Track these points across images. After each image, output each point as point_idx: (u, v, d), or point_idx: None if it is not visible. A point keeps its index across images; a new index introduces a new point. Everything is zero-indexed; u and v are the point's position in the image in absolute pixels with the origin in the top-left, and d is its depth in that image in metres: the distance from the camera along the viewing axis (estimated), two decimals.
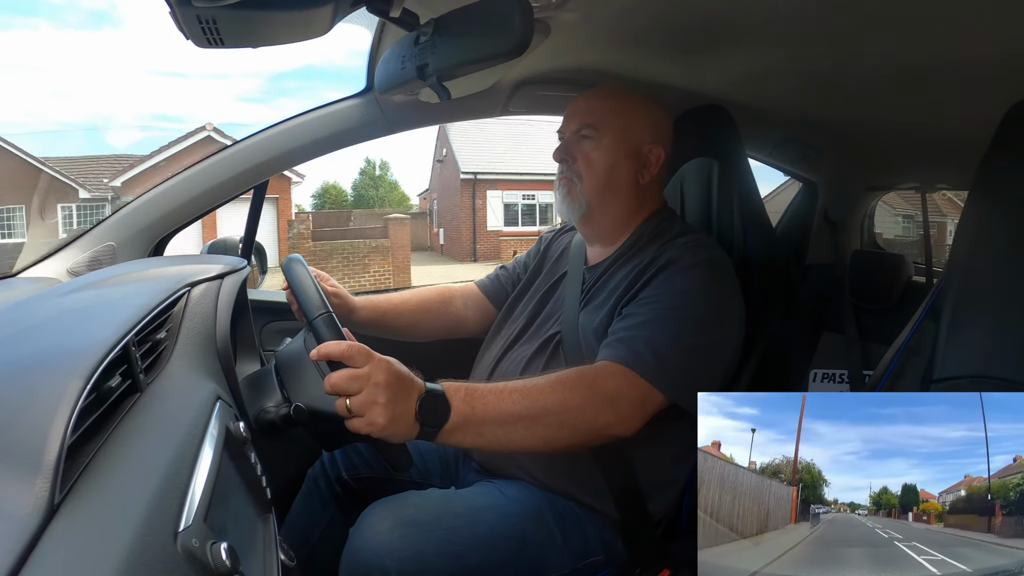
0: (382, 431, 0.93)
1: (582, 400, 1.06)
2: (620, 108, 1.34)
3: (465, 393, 1.01)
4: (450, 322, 1.60)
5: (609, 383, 1.09)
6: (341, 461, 1.41)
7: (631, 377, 1.10)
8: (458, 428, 0.99)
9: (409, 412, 0.95)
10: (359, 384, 0.93)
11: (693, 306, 1.17)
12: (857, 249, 2.45)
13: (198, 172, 1.59)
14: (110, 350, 0.60)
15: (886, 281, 2.19)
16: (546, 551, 1.18)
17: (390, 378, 0.94)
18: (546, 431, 1.04)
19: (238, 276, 1.10)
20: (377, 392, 0.92)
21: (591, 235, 1.40)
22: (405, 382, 0.96)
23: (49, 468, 0.46)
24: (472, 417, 1.00)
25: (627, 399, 1.09)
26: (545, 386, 1.06)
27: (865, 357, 2.16)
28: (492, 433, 1.02)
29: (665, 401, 1.12)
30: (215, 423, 0.70)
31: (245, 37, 0.92)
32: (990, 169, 1.10)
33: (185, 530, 0.51)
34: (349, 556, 1.08)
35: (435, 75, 1.01)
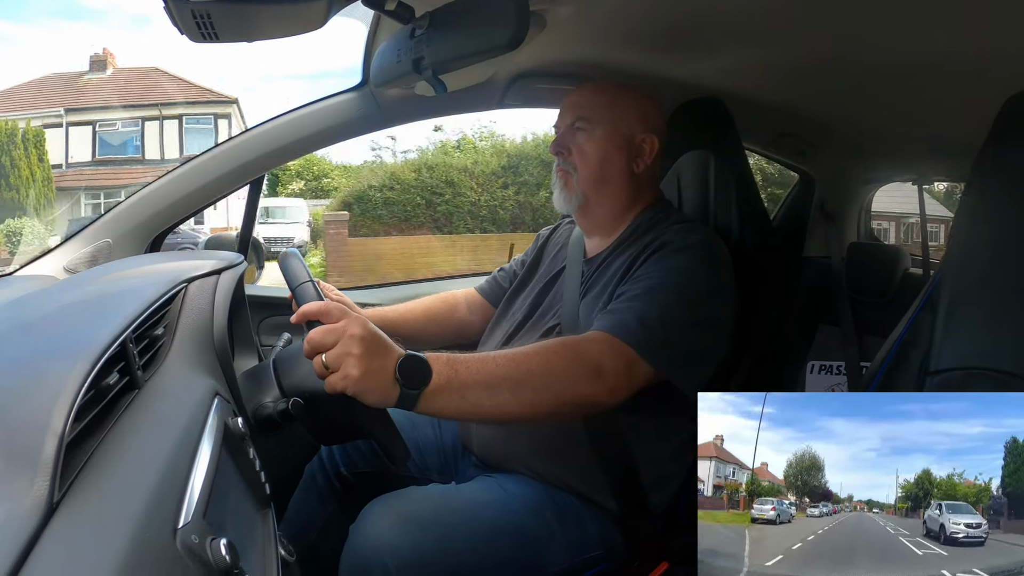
0: (356, 384, 0.91)
1: (566, 364, 1.04)
2: (611, 100, 1.34)
3: (447, 358, 0.99)
4: (455, 327, 1.60)
5: (593, 350, 1.08)
6: (339, 456, 1.41)
7: (616, 344, 1.09)
8: (440, 391, 0.97)
9: (387, 370, 0.93)
10: (334, 336, 0.92)
11: (682, 282, 1.16)
12: (854, 242, 2.45)
13: (193, 168, 1.59)
14: (108, 347, 0.60)
15: (883, 273, 2.19)
16: (546, 546, 1.18)
17: (365, 332, 0.93)
18: (531, 395, 1.01)
19: (235, 272, 1.10)
20: (351, 343, 0.91)
21: (589, 226, 1.40)
22: (382, 340, 0.95)
23: (48, 466, 0.46)
24: (455, 380, 0.98)
25: (612, 367, 1.07)
26: (529, 351, 1.05)
27: (862, 349, 2.17)
28: (476, 397, 0.99)
29: (653, 373, 1.10)
30: (213, 419, 0.70)
31: (240, 31, 0.92)
32: (986, 160, 1.10)
33: (184, 526, 0.51)
34: (349, 552, 1.08)
35: (431, 68, 1.00)
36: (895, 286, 2.18)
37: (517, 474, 1.26)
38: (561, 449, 1.23)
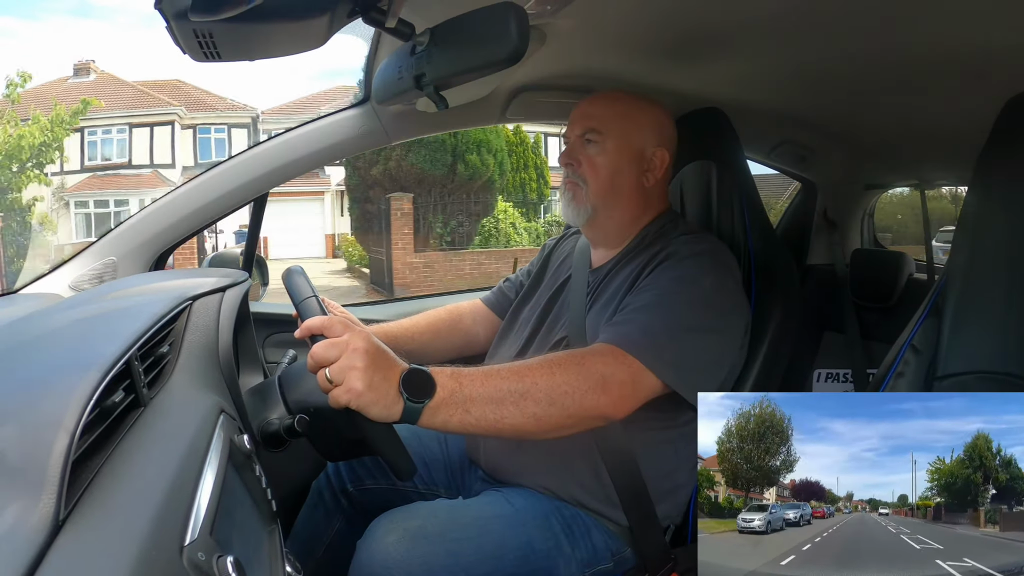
0: (360, 397, 0.90)
1: (571, 377, 1.03)
2: (624, 112, 1.33)
3: (451, 372, 0.99)
4: (461, 340, 1.60)
5: (599, 362, 1.07)
6: (346, 472, 1.41)
7: (621, 356, 1.08)
8: (444, 404, 0.96)
9: (390, 383, 0.93)
10: (337, 350, 0.92)
11: (687, 291, 1.16)
12: (858, 248, 2.45)
13: (198, 186, 1.60)
14: (113, 365, 0.60)
15: (887, 279, 2.19)
16: (554, 560, 1.17)
17: (369, 346, 0.93)
18: (536, 407, 1.00)
19: (240, 289, 1.10)
20: (355, 357, 0.91)
21: (596, 238, 1.40)
22: (385, 354, 0.96)
23: (54, 484, 0.46)
24: (459, 393, 0.97)
25: (618, 379, 1.06)
26: (534, 364, 1.05)
27: (868, 356, 2.16)
28: (480, 410, 0.98)
29: (659, 384, 1.09)
30: (219, 436, 0.70)
31: (242, 50, 0.92)
32: (988, 164, 1.10)
33: (191, 544, 0.51)
34: (357, 568, 1.08)
35: (432, 84, 1.01)
36: (900, 291, 2.18)
37: (524, 488, 1.26)
38: (569, 462, 1.23)
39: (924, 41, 1.21)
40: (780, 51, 1.35)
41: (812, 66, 1.41)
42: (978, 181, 1.11)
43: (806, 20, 1.17)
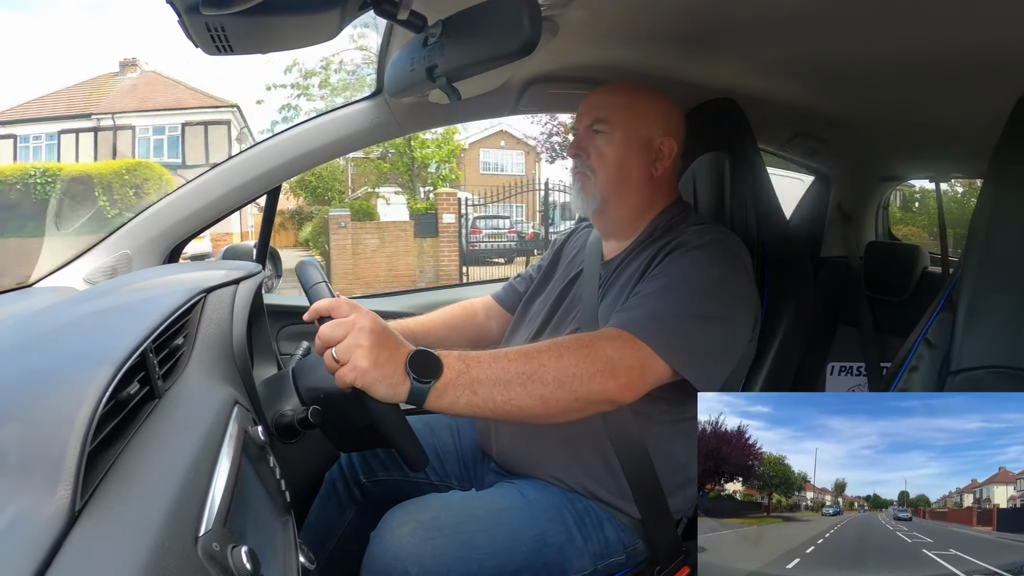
0: (365, 376, 0.91)
1: (579, 360, 1.03)
2: (630, 102, 1.34)
3: (459, 354, 0.99)
4: (475, 335, 1.60)
5: (607, 346, 1.06)
6: (359, 464, 1.42)
7: (629, 340, 1.08)
8: (451, 385, 0.96)
9: (396, 362, 0.93)
10: (343, 329, 0.93)
11: (696, 279, 1.16)
12: (872, 241, 2.43)
13: (211, 179, 1.61)
14: (128, 357, 0.60)
15: (902, 272, 2.17)
16: (566, 552, 1.17)
17: (375, 325, 0.94)
18: (543, 389, 1.00)
19: (253, 281, 1.11)
20: (360, 336, 0.92)
21: (606, 229, 1.40)
22: (391, 334, 0.96)
23: (70, 475, 0.47)
24: (466, 374, 0.97)
25: (626, 364, 1.05)
26: (542, 347, 1.04)
27: (881, 349, 2.15)
28: (487, 392, 0.98)
29: (668, 370, 1.09)
30: (233, 427, 0.70)
31: (254, 43, 0.92)
32: (1003, 157, 1.08)
33: (206, 534, 0.52)
34: (370, 560, 1.09)
35: (444, 76, 1.01)
36: (914, 285, 2.16)
37: (537, 480, 1.26)
38: (581, 454, 1.23)
39: (940, 35, 1.19)
40: (795, 43, 1.33)
41: (828, 58, 1.40)
42: (993, 174, 1.10)
43: (822, 12, 1.16)
